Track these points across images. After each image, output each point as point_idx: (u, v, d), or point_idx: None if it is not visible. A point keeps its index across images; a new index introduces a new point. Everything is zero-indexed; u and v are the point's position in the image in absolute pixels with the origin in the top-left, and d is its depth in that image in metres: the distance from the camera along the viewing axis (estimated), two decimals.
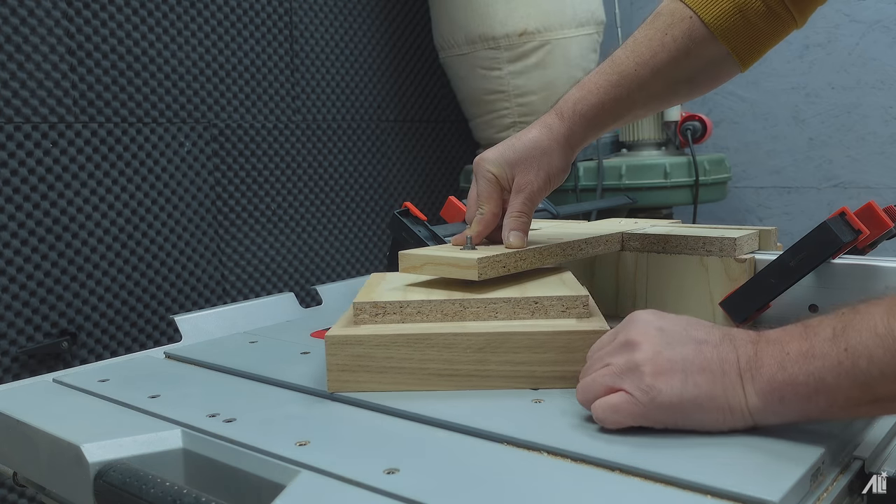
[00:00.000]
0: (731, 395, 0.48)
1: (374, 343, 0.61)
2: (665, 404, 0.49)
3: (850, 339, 0.44)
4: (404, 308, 0.64)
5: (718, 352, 0.50)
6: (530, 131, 0.75)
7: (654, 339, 0.51)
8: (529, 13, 1.81)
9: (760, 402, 0.48)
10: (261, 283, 1.82)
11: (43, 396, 0.66)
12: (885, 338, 0.43)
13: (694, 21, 0.71)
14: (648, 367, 0.50)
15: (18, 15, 1.42)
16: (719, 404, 0.49)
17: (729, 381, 0.48)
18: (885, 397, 0.44)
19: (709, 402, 0.49)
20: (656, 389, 0.49)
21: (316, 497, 0.45)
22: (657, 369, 0.49)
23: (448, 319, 0.65)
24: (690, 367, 0.49)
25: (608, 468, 0.46)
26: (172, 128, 1.65)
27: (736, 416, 0.49)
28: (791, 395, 0.47)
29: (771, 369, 0.47)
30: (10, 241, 1.42)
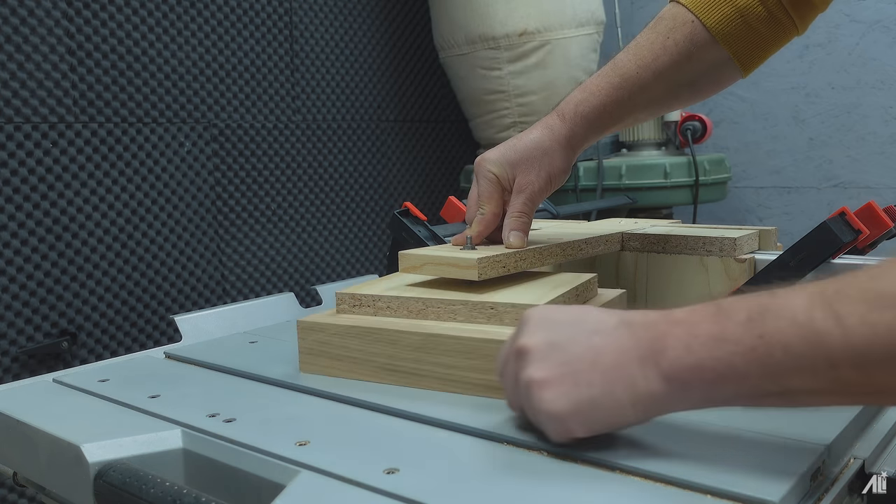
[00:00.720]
0: (631, 385, 0.45)
1: (332, 332, 0.66)
2: (559, 415, 0.46)
3: (767, 326, 0.41)
4: (377, 302, 0.67)
5: (613, 341, 0.46)
6: (532, 132, 0.75)
7: (542, 342, 0.47)
8: (529, 13, 1.81)
9: (664, 387, 0.44)
10: (261, 283, 1.82)
11: (43, 396, 0.66)
12: (805, 328, 0.40)
13: (696, 25, 0.71)
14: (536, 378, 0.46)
15: (18, 15, 1.42)
16: (619, 398, 0.45)
17: (627, 372, 0.45)
18: (794, 390, 0.42)
19: (607, 398, 0.45)
20: (546, 402, 0.46)
21: (316, 497, 0.45)
22: (545, 380, 0.46)
23: (412, 317, 0.66)
24: (581, 366, 0.46)
25: (608, 468, 0.46)
26: (172, 128, 1.65)
27: (640, 406, 0.45)
28: (697, 381, 0.44)
29: (676, 352, 0.44)
30: (10, 241, 1.42)
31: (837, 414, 0.52)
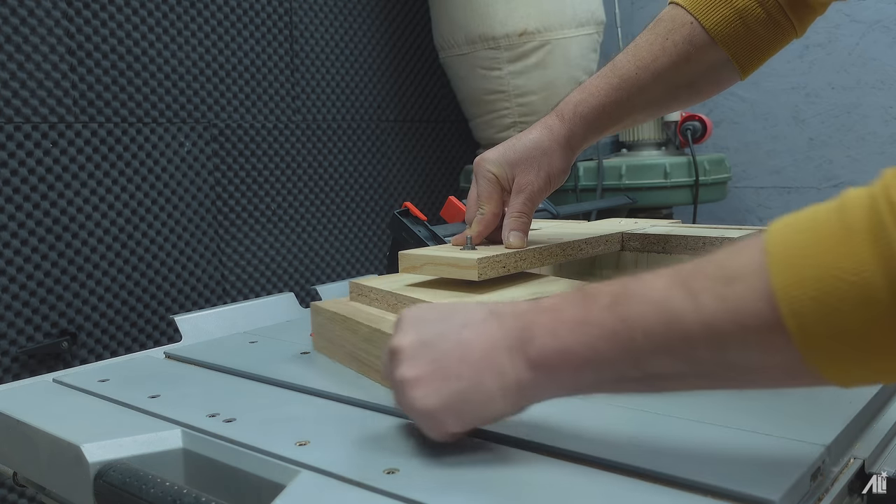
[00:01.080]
0: (500, 375, 0.45)
1: (326, 316, 0.74)
2: (431, 412, 0.46)
3: (628, 309, 0.41)
4: (370, 294, 0.73)
5: (481, 333, 0.46)
6: (531, 132, 0.75)
7: (413, 341, 0.48)
8: (529, 13, 1.81)
9: (531, 375, 0.45)
10: (261, 283, 1.82)
11: (43, 396, 0.66)
12: (663, 309, 0.40)
13: (695, 26, 0.71)
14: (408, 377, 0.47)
15: (18, 15, 1.42)
16: (487, 389, 0.45)
17: (495, 362, 0.45)
18: (653, 374, 0.42)
19: (475, 391, 0.45)
20: (418, 400, 0.46)
21: (316, 497, 0.45)
22: (415, 378, 0.46)
23: (390, 310, 0.69)
24: (450, 361, 0.46)
25: (608, 468, 0.46)
26: (172, 128, 1.65)
27: (510, 395, 0.46)
28: (563, 367, 0.44)
29: (542, 339, 0.44)
30: (10, 241, 1.42)
31: (837, 414, 0.52)
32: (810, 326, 0.36)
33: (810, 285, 0.36)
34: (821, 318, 0.35)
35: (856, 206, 0.36)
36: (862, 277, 0.34)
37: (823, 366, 0.37)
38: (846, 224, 0.36)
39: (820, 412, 0.54)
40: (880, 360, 0.36)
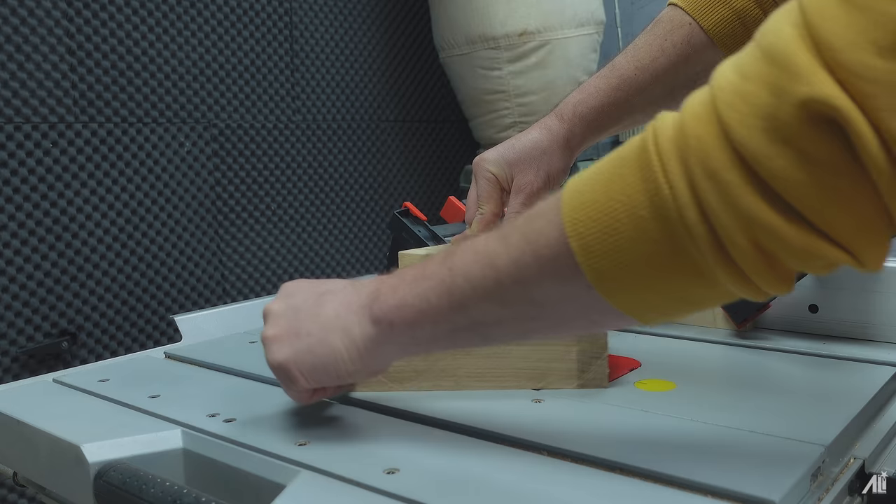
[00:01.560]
0: (346, 331, 0.49)
1: None
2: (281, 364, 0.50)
3: (455, 260, 0.45)
4: None
5: (338, 297, 0.51)
6: (530, 132, 0.75)
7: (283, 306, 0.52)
8: (529, 13, 1.81)
9: (373, 329, 0.48)
10: (261, 283, 1.82)
11: (43, 396, 0.66)
12: (480, 254, 0.44)
13: (693, 27, 0.71)
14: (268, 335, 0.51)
15: (18, 15, 1.42)
16: (332, 344, 0.49)
17: (343, 321, 0.49)
18: (480, 320, 0.45)
19: (321, 345, 0.49)
20: (271, 354, 0.50)
21: (316, 497, 0.45)
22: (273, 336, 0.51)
23: None
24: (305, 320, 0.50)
25: (608, 468, 0.46)
26: (172, 128, 1.65)
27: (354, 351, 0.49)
28: (400, 320, 0.47)
29: (385, 296, 0.48)
30: (10, 241, 1.42)
31: (837, 414, 0.52)
32: (590, 247, 0.39)
33: (589, 209, 0.39)
34: (598, 237, 0.39)
35: (629, 144, 0.40)
36: (628, 196, 0.38)
37: (609, 290, 0.40)
38: (620, 155, 0.40)
39: (820, 412, 0.54)
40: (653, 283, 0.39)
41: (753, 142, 0.34)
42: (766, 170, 0.34)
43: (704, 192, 0.36)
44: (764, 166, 0.34)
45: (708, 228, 0.36)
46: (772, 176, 0.34)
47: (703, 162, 0.36)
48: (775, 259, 0.36)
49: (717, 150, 0.35)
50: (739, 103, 0.35)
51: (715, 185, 0.35)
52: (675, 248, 0.37)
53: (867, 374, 0.62)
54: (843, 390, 0.60)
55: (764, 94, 0.34)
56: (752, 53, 0.36)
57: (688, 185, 0.36)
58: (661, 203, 0.37)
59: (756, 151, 0.34)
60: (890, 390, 0.60)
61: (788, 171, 0.34)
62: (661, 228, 0.37)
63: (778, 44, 0.34)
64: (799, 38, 0.34)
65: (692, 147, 0.36)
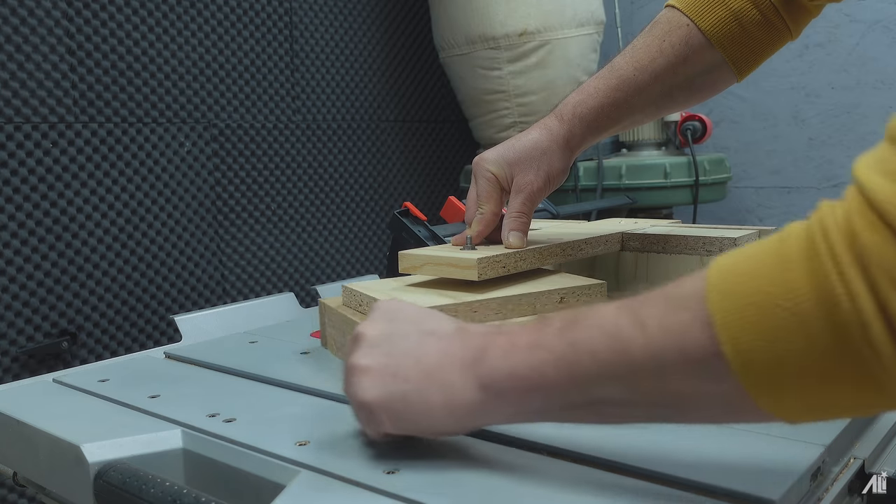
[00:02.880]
0: (447, 389, 0.45)
1: (328, 314, 0.76)
2: (369, 404, 0.46)
3: (578, 333, 0.42)
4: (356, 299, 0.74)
5: (442, 345, 0.46)
6: (530, 132, 0.75)
7: (379, 332, 0.48)
8: (529, 13, 1.81)
9: (479, 395, 0.44)
10: (261, 283, 1.82)
11: (43, 396, 0.66)
12: (610, 335, 0.40)
13: (691, 28, 0.72)
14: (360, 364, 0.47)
15: (18, 15, 1.42)
16: (430, 400, 0.45)
17: (446, 376, 0.45)
18: (599, 401, 0.42)
19: (418, 397, 0.45)
20: (361, 389, 0.47)
21: (316, 497, 0.45)
22: (366, 367, 0.47)
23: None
24: (405, 362, 0.46)
25: (608, 468, 0.46)
26: (172, 128, 1.65)
27: (454, 412, 0.45)
28: (510, 389, 0.43)
29: (495, 361, 0.44)
30: (10, 241, 1.42)
31: None
32: (747, 353, 0.36)
33: (747, 312, 0.36)
34: (757, 345, 0.36)
35: (793, 237, 0.36)
36: (797, 304, 0.35)
37: (761, 395, 0.37)
38: (784, 254, 0.36)
39: None
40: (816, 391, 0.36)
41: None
42: None
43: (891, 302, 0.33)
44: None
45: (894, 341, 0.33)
46: None
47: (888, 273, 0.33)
48: None
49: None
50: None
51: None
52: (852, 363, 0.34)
53: None
54: None
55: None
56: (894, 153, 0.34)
57: (872, 297, 0.33)
58: (838, 314, 0.34)
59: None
60: None
61: None
62: (836, 342, 0.34)
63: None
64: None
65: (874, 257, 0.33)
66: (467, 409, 0.45)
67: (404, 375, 0.46)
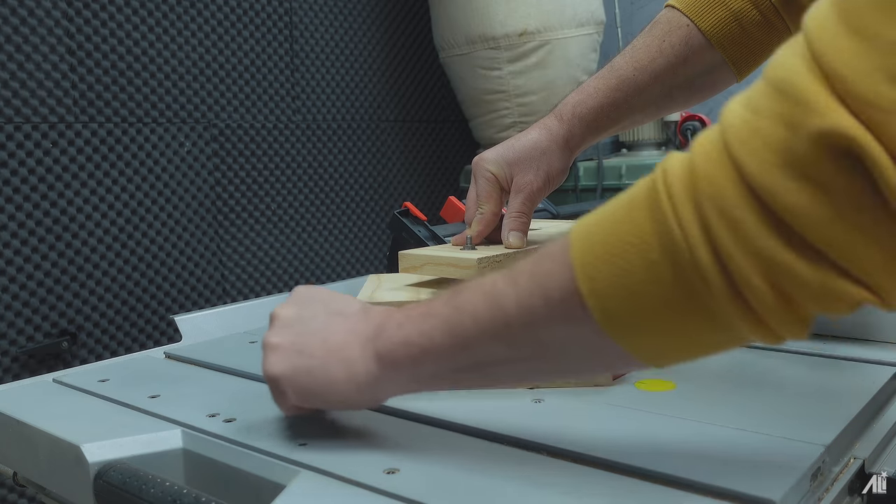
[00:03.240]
0: (348, 363, 0.48)
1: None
2: (275, 377, 0.49)
3: (462, 299, 0.44)
4: None
5: (348, 323, 0.49)
6: (529, 132, 0.75)
7: (292, 314, 0.51)
8: (529, 13, 1.81)
9: (376, 366, 0.47)
10: (261, 283, 1.82)
11: (43, 396, 0.66)
12: (487, 294, 0.43)
13: (691, 28, 0.72)
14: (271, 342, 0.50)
15: (18, 15, 1.42)
16: (333, 375, 0.48)
17: (349, 351, 0.48)
18: (485, 360, 0.44)
19: (320, 372, 0.48)
20: (269, 364, 0.49)
21: (316, 497, 0.45)
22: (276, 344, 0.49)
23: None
24: (312, 339, 0.49)
25: (608, 468, 0.46)
26: (172, 128, 1.65)
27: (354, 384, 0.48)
28: (403, 357, 0.46)
29: (391, 332, 0.47)
30: (10, 241, 1.42)
31: (837, 414, 0.52)
32: (602, 290, 0.38)
33: (599, 250, 0.38)
34: (609, 282, 0.38)
35: (639, 185, 0.39)
36: (641, 240, 0.37)
37: (617, 334, 0.39)
38: (631, 197, 0.39)
39: (820, 412, 0.54)
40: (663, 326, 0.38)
41: (769, 178, 0.33)
42: (783, 207, 0.33)
43: (718, 233, 0.34)
44: (781, 203, 0.33)
45: (721, 271, 0.35)
46: (790, 213, 0.33)
47: (715, 202, 0.34)
48: (794, 302, 0.35)
49: (731, 189, 0.34)
50: (753, 139, 0.34)
51: (729, 226, 0.34)
52: (687, 291, 0.36)
53: (867, 374, 0.62)
54: (843, 390, 0.60)
55: (778, 128, 0.33)
56: (761, 89, 0.35)
57: (700, 227, 0.35)
58: (672, 246, 0.36)
59: (772, 188, 0.33)
60: (890, 390, 0.60)
61: (808, 207, 0.32)
62: (672, 272, 0.36)
63: (788, 77, 0.33)
64: (809, 71, 0.32)
65: (704, 187, 0.35)
66: (366, 380, 0.48)
67: (310, 352, 0.49)
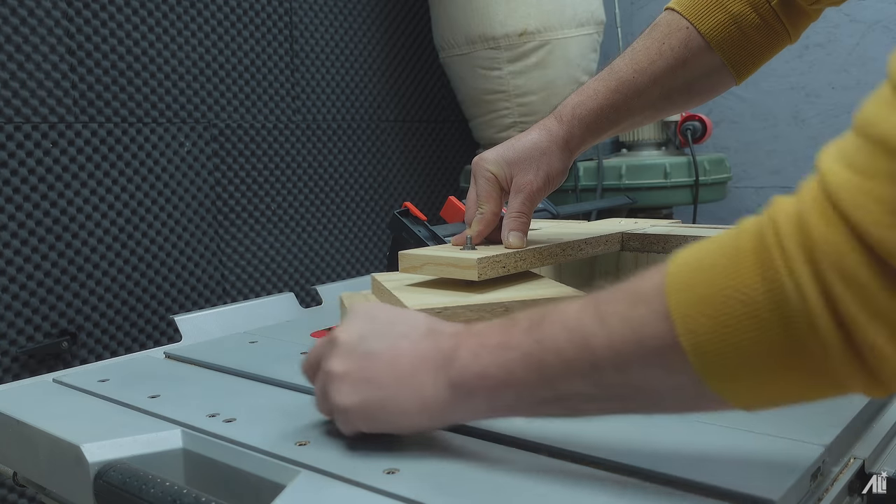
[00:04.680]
0: (419, 391, 0.46)
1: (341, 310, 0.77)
2: (346, 409, 0.48)
3: (543, 331, 0.43)
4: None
5: (416, 347, 0.48)
6: (529, 133, 0.76)
7: (354, 337, 0.49)
8: (529, 13, 1.81)
9: (450, 394, 0.46)
10: (261, 283, 1.82)
11: (43, 396, 0.66)
12: (573, 332, 0.42)
13: (690, 31, 0.72)
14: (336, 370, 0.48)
15: (18, 15, 1.42)
16: (405, 404, 0.47)
17: (420, 379, 0.47)
18: (567, 395, 0.43)
19: (392, 402, 0.47)
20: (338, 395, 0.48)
21: (316, 497, 0.45)
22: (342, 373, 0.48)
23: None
24: (379, 366, 0.48)
25: (608, 468, 0.46)
26: (172, 128, 1.65)
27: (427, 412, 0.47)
28: (480, 388, 0.45)
29: (465, 361, 0.45)
30: (10, 241, 1.42)
31: (837, 414, 0.52)
32: (704, 344, 0.37)
33: (703, 304, 0.37)
34: (713, 335, 0.37)
35: (746, 231, 0.37)
36: (748, 297, 0.36)
37: (719, 385, 0.38)
38: (737, 247, 0.37)
39: (820, 412, 0.54)
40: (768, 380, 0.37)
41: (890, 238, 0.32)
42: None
43: (840, 296, 0.33)
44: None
45: (842, 335, 0.34)
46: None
47: (837, 266, 0.33)
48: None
49: (851, 252, 0.33)
50: (867, 202, 0.33)
51: (852, 289, 0.33)
52: (801, 353, 0.35)
53: None
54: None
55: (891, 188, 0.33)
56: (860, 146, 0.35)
57: (819, 291, 0.34)
58: (786, 307, 0.35)
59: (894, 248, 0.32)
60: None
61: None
62: (786, 333, 0.35)
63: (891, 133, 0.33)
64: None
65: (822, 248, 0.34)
66: (440, 409, 0.47)
67: (378, 381, 0.47)
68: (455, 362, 0.46)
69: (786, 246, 0.35)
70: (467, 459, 0.49)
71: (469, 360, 0.45)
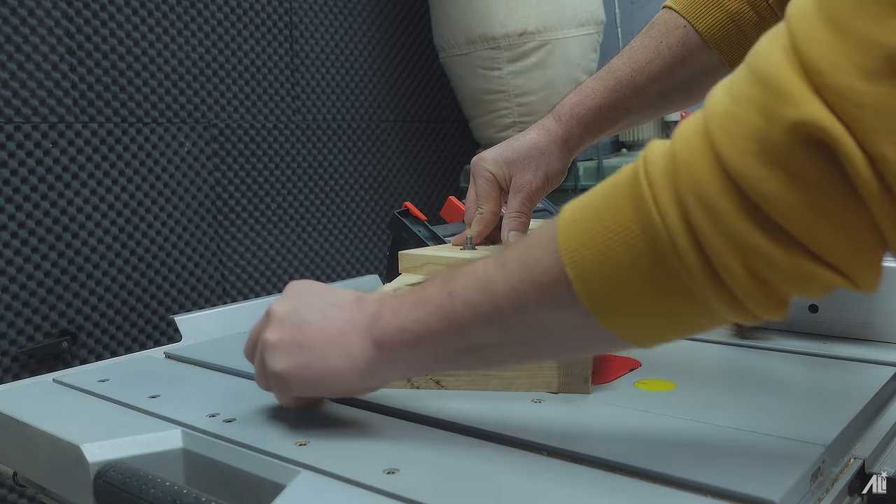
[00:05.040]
0: (347, 352, 0.49)
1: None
2: (280, 374, 0.50)
3: (455, 285, 0.46)
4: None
5: (344, 313, 0.50)
6: (528, 133, 0.76)
7: (286, 308, 0.52)
8: (529, 13, 1.81)
9: (374, 353, 0.48)
10: (261, 283, 1.82)
11: (43, 396, 0.66)
12: (479, 279, 0.44)
13: (688, 30, 0.72)
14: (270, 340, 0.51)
15: (18, 15, 1.42)
16: (334, 364, 0.49)
17: (347, 339, 0.49)
18: (477, 344, 0.46)
19: (321, 363, 0.49)
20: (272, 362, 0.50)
21: (316, 497, 0.45)
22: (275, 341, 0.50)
23: None
24: (309, 332, 0.50)
25: (608, 468, 0.46)
26: (172, 128, 1.65)
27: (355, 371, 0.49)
28: (400, 343, 0.48)
29: (387, 319, 0.48)
30: (10, 241, 1.42)
31: (837, 414, 0.52)
32: (587, 275, 0.40)
33: (585, 235, 0.40)
34: (594, 266, 0.39)
35: (622, 172, 0.40)
36: (622, 225, 0.38)
37: (605, 317, 0.40)
38: (615, 183, 0.40)
39: (820, 412, 0.54)
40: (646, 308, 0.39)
41: (745, 165, 0.34)
42: (758, 193, 0.34)
43: (697, 219, 0.36)
44: (756, 189, 0.34)
45: (701, 256, 0.36)
46: (764, 199, 0.34)
47: (694, 189, 0.36)
48: (770, 284, 0.36)
49: (709, 176, 0.35)
50: (731, 126, 0.35)
51: (707, 213, 0.35)
52: (668, 276, 0.37)
53: (867, 374, 0.62)
54: (843, 390, 0.60)
55: (755, 117, 0.34)
56: (743, 76, 0.36)
57: (679, 214, 0.36)
58: (653, 233, 0.37)
59: (748, 175, 0.34)
60: (890, 390, 0.60)
61: (781, 194, 0.34)
62: (654, 257, 0.37)
63: (768, 67, 0.35)
64: (787, 62, 0.34)
65: (683, 175, 0.36)
66: (367, 367, 0.49)
67: (309, 344, 0.50)
68: (378, 321, 0.49)
69: (653, 175, 0.37)
70: (467, 459, 0.49)
71: (390, 318, 0.48)
